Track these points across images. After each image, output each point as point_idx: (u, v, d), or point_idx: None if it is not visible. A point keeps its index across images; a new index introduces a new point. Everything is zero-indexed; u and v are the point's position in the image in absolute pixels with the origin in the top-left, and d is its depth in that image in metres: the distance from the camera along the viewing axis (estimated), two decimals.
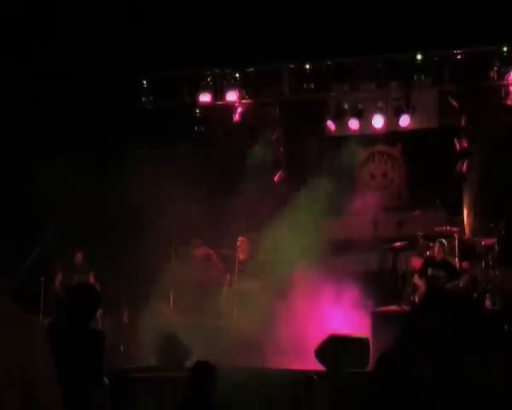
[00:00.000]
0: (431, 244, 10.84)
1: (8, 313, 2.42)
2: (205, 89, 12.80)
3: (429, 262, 10.68)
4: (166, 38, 11.35)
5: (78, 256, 11.11)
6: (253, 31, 10.94)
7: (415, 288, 10.73)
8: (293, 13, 11.17)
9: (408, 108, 12.37)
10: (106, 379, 5.58)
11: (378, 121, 12.52)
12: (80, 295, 5.16)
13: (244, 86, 12.88)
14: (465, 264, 10.81)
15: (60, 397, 2.44)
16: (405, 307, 10.47)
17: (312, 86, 12.59)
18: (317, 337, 9.26)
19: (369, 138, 13.16)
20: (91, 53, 11.39)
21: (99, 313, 10.30)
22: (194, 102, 12.87)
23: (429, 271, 10.55)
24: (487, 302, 10.40)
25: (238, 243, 11.18)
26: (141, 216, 11.45)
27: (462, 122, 12.31)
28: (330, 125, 12.87)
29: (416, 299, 10.52)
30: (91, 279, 10.72)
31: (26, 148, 11.37)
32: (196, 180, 11.72)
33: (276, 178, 13.02)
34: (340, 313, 10.52)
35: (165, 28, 11.34)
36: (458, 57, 11.98)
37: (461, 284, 10.39)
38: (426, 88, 12.57)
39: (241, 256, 11.16)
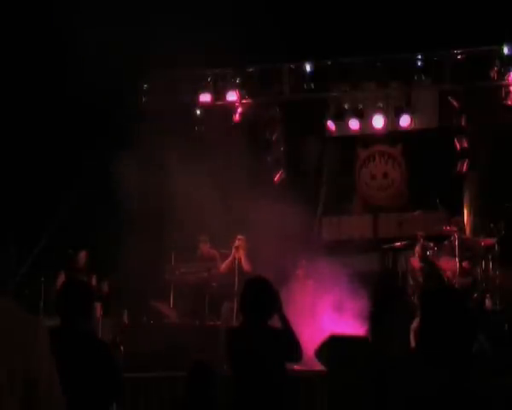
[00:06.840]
0: (431, 244, 10.84)
1: (11, 313, 2.42)
2: (205, 89, 12.80)
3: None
4: (166, 37, 11.33)
5: (81, 256, 11.05)
6: (252, 31, 10.93)
7: (414, 287, 10.71)
8: (293, 13, 11.17)
9: (408, 108, 12.38)
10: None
11: (378, 121, 12.53)
12: (70, 292, 4.90)
13: (244, 86, 12.87)
14: (465, 264, 10.79)
15: (62, 397, 2.44)
16: None
17: (312, 86, 12.60)
18: (316, 337, 9.23)
19: (369, 138, 13.18)
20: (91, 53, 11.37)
21: (99, 313, 10.29)
22: (195, 102, 12.87)
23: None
24: (487, 302, 10.39)
25: (236, 243, 11.13)
26: (141, 216, 11.44)
27: (462, 122, 12.31)
28: (330, 125, 12.86)
29: (415, 300, 10.51)
30: (93, 280, 10.68)
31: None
32: (196, 180, 11.71)
33: (276, 178, 13.01)
34: (340, 313, 10.50)
35: (165, 28, 11.32)
36: (458, 57, 12.00)
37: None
38: (426, 88, 12.58)
39: (240, 256, 11.10)
